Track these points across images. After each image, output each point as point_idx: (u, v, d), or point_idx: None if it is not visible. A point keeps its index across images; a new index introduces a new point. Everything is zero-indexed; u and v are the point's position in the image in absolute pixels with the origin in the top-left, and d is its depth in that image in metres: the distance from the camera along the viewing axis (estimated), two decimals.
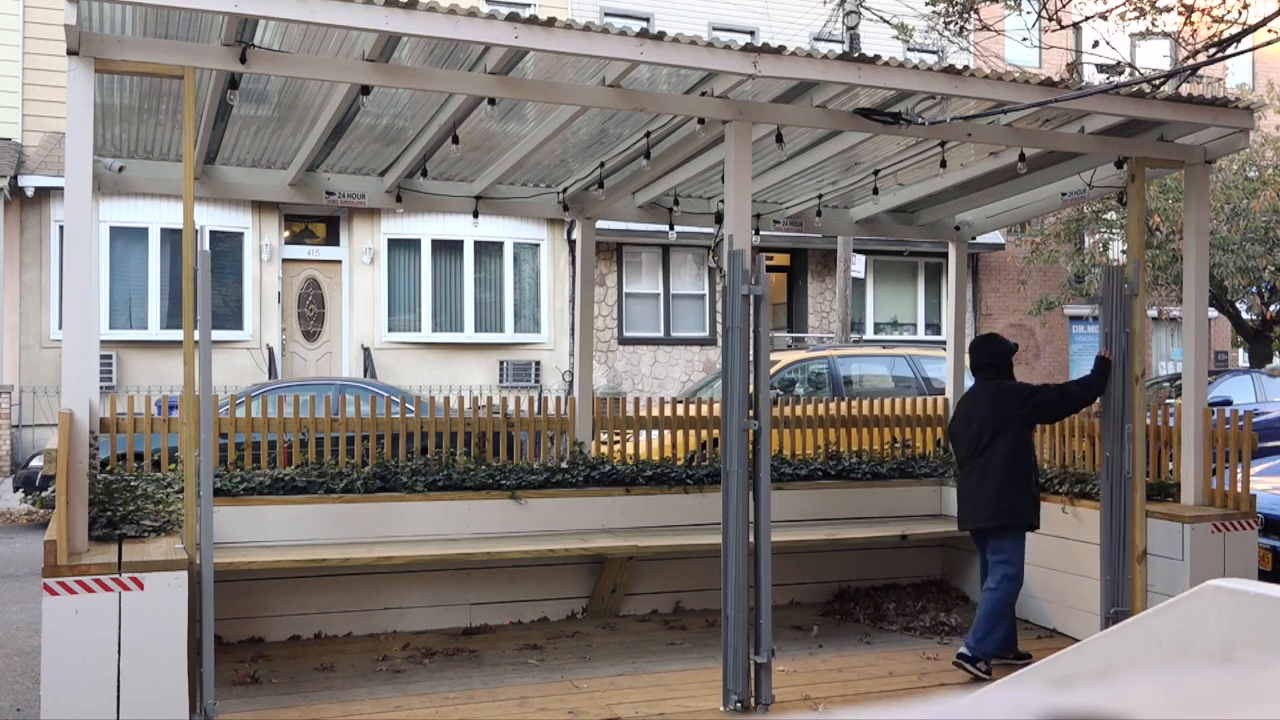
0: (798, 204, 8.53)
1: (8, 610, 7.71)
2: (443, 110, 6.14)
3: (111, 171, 6.92)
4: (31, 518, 12.11)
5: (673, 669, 5.94)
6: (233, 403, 6.81)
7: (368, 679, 5.76)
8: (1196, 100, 6.20)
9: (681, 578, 7.28)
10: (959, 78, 5.60)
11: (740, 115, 5.62)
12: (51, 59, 15.06)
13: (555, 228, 17.93)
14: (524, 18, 4.86)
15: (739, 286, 5.17)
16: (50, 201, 15.28)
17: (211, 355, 4.56)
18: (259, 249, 16.57)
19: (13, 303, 15.44)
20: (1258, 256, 17.40)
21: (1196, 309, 6.58)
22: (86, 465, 4.63)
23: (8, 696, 5.73)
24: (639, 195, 8.12)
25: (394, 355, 17.22)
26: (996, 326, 21.07)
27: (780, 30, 18.60)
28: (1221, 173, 17.24)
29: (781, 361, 12.23)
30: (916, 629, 6.90)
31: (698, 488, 7.43)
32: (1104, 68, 10.02)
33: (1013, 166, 6.90)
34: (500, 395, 8.82)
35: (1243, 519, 6.26)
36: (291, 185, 7.42)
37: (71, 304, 4.67)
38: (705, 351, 18.91)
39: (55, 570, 4.25)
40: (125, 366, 15.72)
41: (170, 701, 4.36)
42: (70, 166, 4.58)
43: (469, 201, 7.89)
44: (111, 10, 4.76)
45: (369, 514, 6.69)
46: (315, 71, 5.17)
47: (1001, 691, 0.50)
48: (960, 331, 8.70)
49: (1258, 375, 15.70)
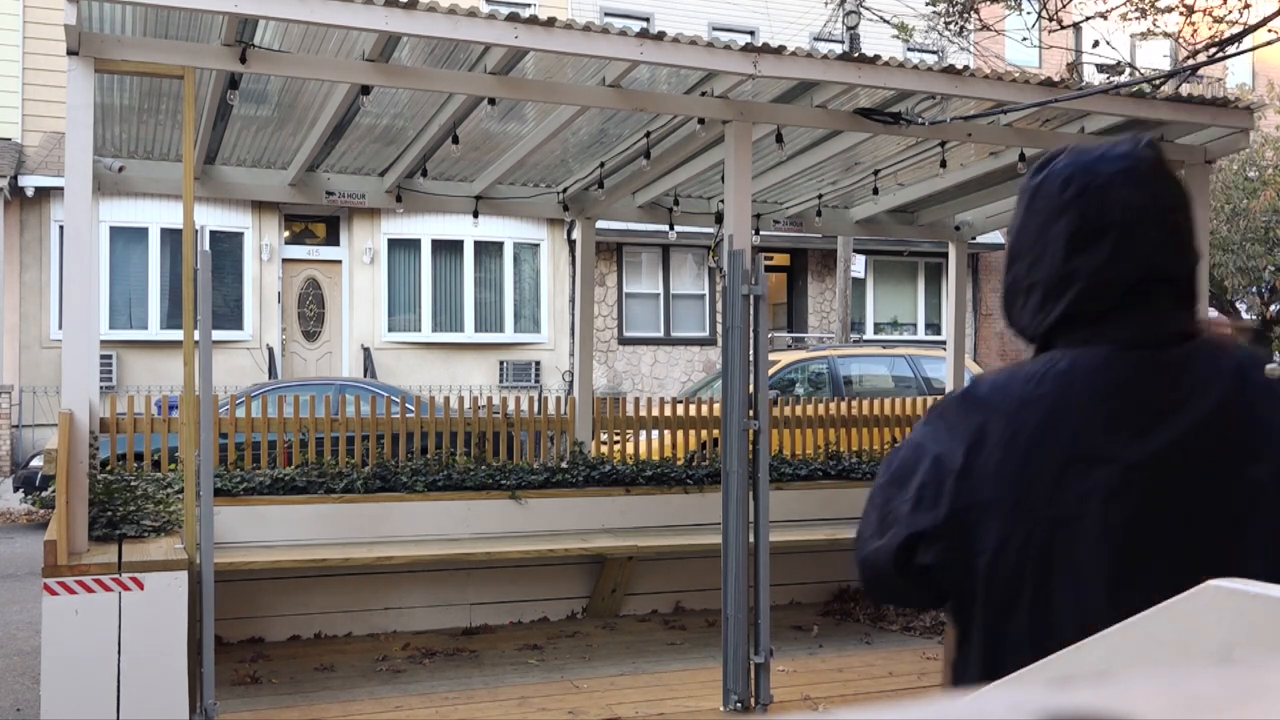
0: (798, 204, 8.53)
1: (8, 610, 7.71)
2: (443, 110, 6.14)
3: (111, 171, 6.92)
4: (31, 518, 12.11)
5: (673, 669, 5.94)
6: (233, 403, 6.81)
7: (368, 679, 5.76)
8: (1196, 100, 6.20)
9: (681, 578, 7.27)
10: (959, 78, 5.60)
11: (740, 115, 5.61)
12: (51, 59, 15.05)
13: (555, 228, 17.92)
14: (524, 18, 4.86)
15: (739, 286, 5.17)
16: (50, 201, 15.27)
17: (211, 355, 4.56)
18: (259, 249, 16.57)
19: (13, 303, 15.44)
20: (1258, 256, 17.40)
21: None
22: (86, 465, 4.63)
23: (8, 696, 5.73)
24: (639, 195, 8.13)
25: (394, 355, 17.21)
26: (997, 326, 21.07)
27: (780, 30, 18.60)
28: (1221, 173, 17.24)
29: (781, 361, 12.23)
30: (916, 629, 6.90)
31: (698, 488, 7.43)
32: (1104, 68, 10.02)
33: (1013, 166, 6.90)
34: (500, 395, 8.82)
35: None
36: (291, 185, 7.43)
37: (71, 304, 4.67)
38: (705, 351, 18.90)
39: (55, 570, 4.25)
40: (125, 366, 15.72)
41: (170, 701, 4.36)
42: (70, 166, 4.58)
43: (469, 201, 7.89)
44: (111, 10, 4.76)
45: (369, 514, 6.69)
46: (315, 71, 5.17)
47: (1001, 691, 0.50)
48: (960, 331, 8.70)
49: None
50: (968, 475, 1.43)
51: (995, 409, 1.46)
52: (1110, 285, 1.45)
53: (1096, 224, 1.45)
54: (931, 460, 1.47)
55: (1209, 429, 1.41)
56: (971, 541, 1.43)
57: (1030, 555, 1.40)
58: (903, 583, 1.51)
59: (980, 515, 1.42)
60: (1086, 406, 1.43)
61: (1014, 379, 1.49)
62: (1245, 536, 1.39)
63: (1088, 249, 1.45)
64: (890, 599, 1.73)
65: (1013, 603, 1.42)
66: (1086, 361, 1.44)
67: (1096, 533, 1.39)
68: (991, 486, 1.42)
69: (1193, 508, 1.40)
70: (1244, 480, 1.40)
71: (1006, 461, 1.42)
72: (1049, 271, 1.48)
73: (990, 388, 1.51)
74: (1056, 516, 1.40)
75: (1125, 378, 1.43)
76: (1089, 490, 1.39)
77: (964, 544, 1.43)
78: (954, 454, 1.45)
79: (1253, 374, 1.46)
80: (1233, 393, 1.43)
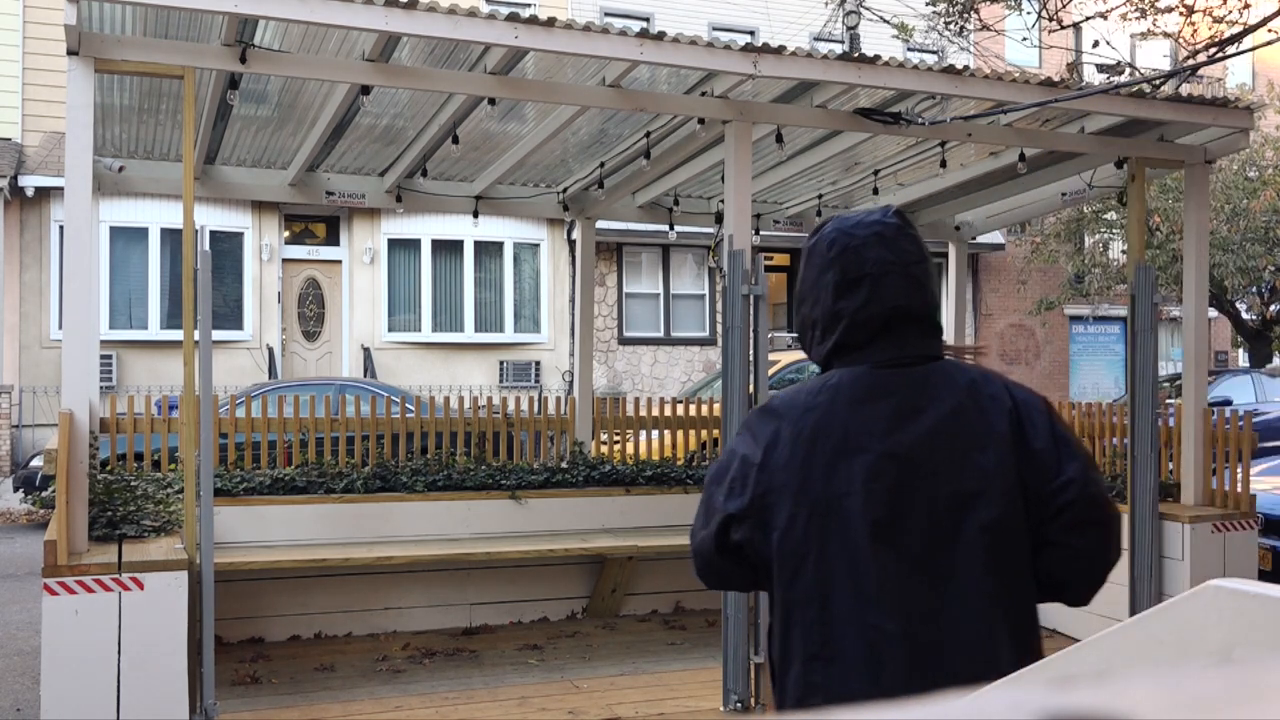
0: (798, 204, 8.53)
1: (8, 610, 7.71)
2: (443, 110, 6.14)
3: (111, 171, 6.92)
4: (31, 518, 12.11)
5: (673, 669, 5.94)
6: (233, 403, 6.81)
7: (368, 679, 5.76)
8: (1196, 100, 6.20)
9: (681, 578, 7.26)
10: (959, 78, 5.60)
11: (740, 115, 5.61)
12: (51, 59, 15.05)
13: (555, 228, 17.92)
14: (524, 18, 4.86)
15: (739, 286, 5.17)
16: (50, 201, 15.27)
17: (211, 355, 4.56)
18: (259, 249, 16.57)
19: (13, 303, 15.44)
20: (1258, 256, 17.39)
21: (1196, 309, 6.58)
22: (86, 465, 4.63)
23: (8, 696, 5.73)
24: (639, 195, 8.13)
25: (394, 355, 17.22)
26: (997, 326, 21.07)
27: (780, 30, 18.60)
28: (1221, 173, 17.24)
29: (781, 361, 12.23)
30: None
31: (698, 488, 7.42)
32: (1104, 68, 10.02)
33: (1013, 166, 6.90)
34: (500, 395, 8.82)
35: (1243, 519, 6.26)
36: (291, 185, 7.43)
37: (71, 304, 4.67)
38: (705, 351, 18.90)
39: (55, 570, 4.25)
40: (125, 366, 15.72)
41: (170, 701, 4.36)
42: (70, 166, 4.58)
43: (469, 201, 7.89)
44: (111, 10, 4.76)
45: (369, 514, 6.69)
46: (315, 71, 5.17)
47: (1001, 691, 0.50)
48: (960, 332, 8.70)
49: (1258, 375, 15.71)
50: (765, 468, 1.85)
51: (785, 416, 1.89)
52: (868, 321, 1.88)
53: (855, 275, 1.89)
54: (740, 460, 1.89)
55: (945, 427, 1.84)
56: (769, 520, 1.84)
57: (812, 527, 1.82)
58: (723, 561, 1.91)
59: (775, 499, 1.84)
60: (851, 411, 1.86)
61: (800, 393, 1.93)
62: (975, 508, 1.81)
63: (849, 294, 1.89)
64: (719, 583, 2.03)
65: (800, 566, 1.83)
66: (852, 378, 1.88)
67: (860, 506, 1.80)
68: (782, 475, 1.84)
69: (933, 486, 1.81)
70: (973, 465, 1.82)
71: (793, 455, 1.84)
72: (824, 311, 1.93)
73: (782, 401, 1.94)
74: (830, 495, 1.82)
75: (881, 389, 1.87)
76: (854, 474, 1.81)
77: (763, 522, 1.84)
78: (755, 453, 1.87)
79: (981, 387, 1.88)
80: (965, 400, 1.86)
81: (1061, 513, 1.83)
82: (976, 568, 1.80)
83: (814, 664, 1.83)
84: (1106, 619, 6.90)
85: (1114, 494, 6.61)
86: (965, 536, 1.79)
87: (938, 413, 1.84)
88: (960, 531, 1.79)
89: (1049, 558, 1.87)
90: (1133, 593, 6.15)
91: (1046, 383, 21.34)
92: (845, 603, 1.80)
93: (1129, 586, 6.15)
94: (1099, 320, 21.77)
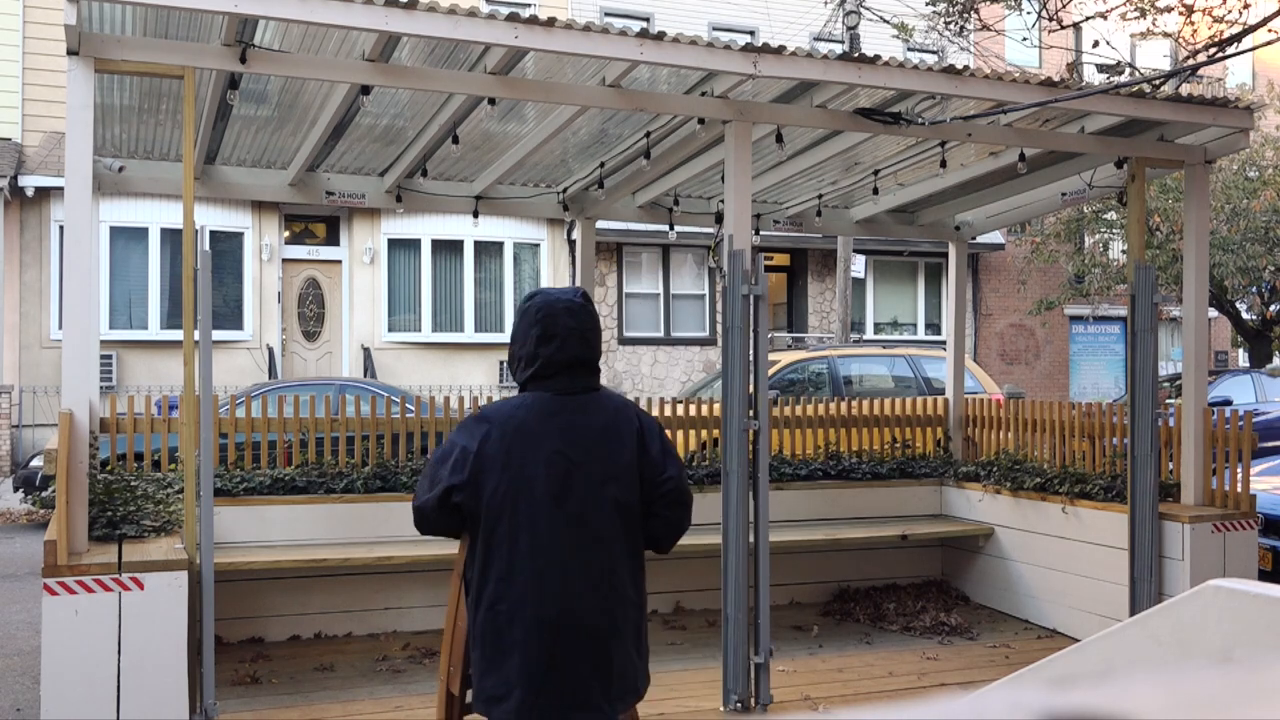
0: (798, 204, 8.53)
1: (8, 610, 7.71)
2: (443, 110, 6.14)
3: (111, 171, 6.92)
4: (31, 518, 12.11)
5: (673, 669, 5.94)
6: (233, 403, 6.81)
7: (368, 679, 5.76)
8: (1196, 100, 6.20)
9: (681, 578, 7.27)
10: (959, 78, 5.60)
11: (740, 115, 5.61)
12: (51, 59, 15.06)
13: (555, 228, 17.92)
14: (524, 18, 4.86)
15: (739, 286, 5.17)
16: (50, 201, 15.28)
17: (211, 355, 4.56)
18: (259, 249, 16.57)
19: (13, 303, 15.44)
20: (1258, 256, 17.40)
21: (1196, 309, 6.58)
22: (86, 465, 4.63)
23: (8, 696, 5.73)
24: (639, 195, 8.12)
25: (394, 355, 17.22)
26: (997, 326, 21.08)
27: (780, 30, 18.60)
28: (1221, 173, 17.24)
29: (781, 361, 12.23)
30: (916, 629, 6.89)
31: (697, 488, 7.43)
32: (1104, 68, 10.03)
33: (1013, 166, 6.90)
34: (500, 395, 8.82)
35: (1243, 519, 6.26)
36: (291, 185, 7.42)
37: (71, 304, 4.67)
38: (705, 351, 18.91)
39: (55, 570, 4.25)
40: (125, 366, 15.72)
41: (170, 702, 4.36)
42: (70, 166, 4.58)
43: (469, 201, 7.89)
44: (111, 10, 4.76)
45: (369, 514, 6.69)
46: (315, 71, 5.17)
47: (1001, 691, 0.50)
48: (960, 331, 8.70)
49: (1258, 375, 15.70)
50: (479, 455, 2.88)
51: (493, 421, 2.93)
52: (556, 363, 2.93)
53: (551, 333, 2.93)
54: (460, 448, 2.90)
55: (597, 434, 2.93)
56: (480, 488, 2.86)
57: (510, 494, 2.85)
58: (439, 515, 2.92)
59: (485, 476, 2.86)
60: (539, 420, 2.91)
61: (505, 405, 2.98)
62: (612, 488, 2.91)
63: (546, 344, 2.93)
64: (431, 530, 2.97)
65: (499, 519, 2.85)
66: (541, 399, 2.95)
67: (542, 482, 2.86)
68: (490, 460, 2.87)
69: (588, 472, 2.89)
70: (613, 460, 2.93)
71: (499, 446, 2.88)
72: (528, 353, 2.96)
73: (491, 410, 2.99)
74: (523, 474, 2.86)
75: (559, 407, 2.94)
76: (538, 460, 2.87)
77: (477, 490, 2.86)
78: (472, 444, 2.89)
79: (621, 411, 3.00)
80: (611, 418, 2.97)
81: (664, 496, 2.97)
82: (611, 525, 2.88)
83: (501, 583, 2.83)
84: (1106, 619, 6.93)
85: (1113, 494, 6.61)
86: (605, 505, 2.88)
87: (593, 425, 2.92)
88: (602, 502, 2.88)
89: (653, 523, 2.98)
90: (1133, 593, 6.16)
91: (1046, 383, 21.35)
92: (526, 543, 2.82)
93: (1129, 586, 6.16)
94: (1099, 320, 21.78)
